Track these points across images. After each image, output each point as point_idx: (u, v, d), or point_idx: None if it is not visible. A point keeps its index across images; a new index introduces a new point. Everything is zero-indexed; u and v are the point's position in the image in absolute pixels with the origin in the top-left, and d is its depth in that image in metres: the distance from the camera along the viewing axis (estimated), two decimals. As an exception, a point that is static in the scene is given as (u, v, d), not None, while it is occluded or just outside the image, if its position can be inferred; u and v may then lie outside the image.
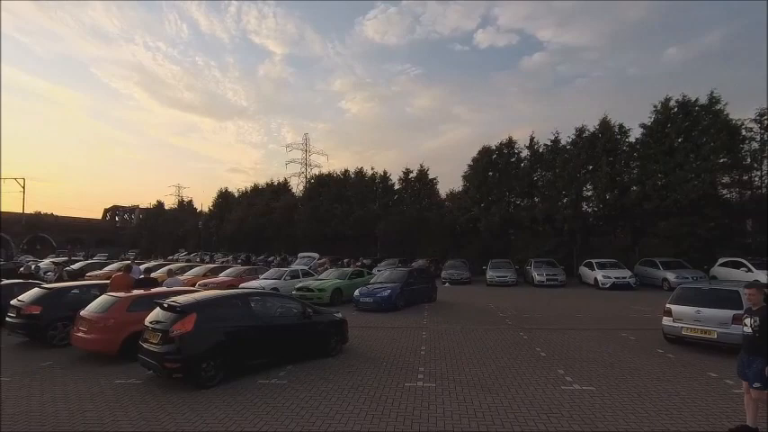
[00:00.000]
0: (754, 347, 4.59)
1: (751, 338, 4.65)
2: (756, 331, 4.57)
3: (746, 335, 4.73)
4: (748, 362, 4.63)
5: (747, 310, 4.86)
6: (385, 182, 38.83)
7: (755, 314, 4.67)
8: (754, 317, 4.65)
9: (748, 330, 4.69)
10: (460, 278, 24.97)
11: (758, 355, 4.52)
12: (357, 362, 8.03)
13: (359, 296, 14.79)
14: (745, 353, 4.72)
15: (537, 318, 12.94)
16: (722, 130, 22.64)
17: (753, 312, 4.74)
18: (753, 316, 4.70)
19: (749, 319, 4.73)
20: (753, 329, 4.63)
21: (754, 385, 4.53)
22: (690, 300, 8.76)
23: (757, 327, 4.57)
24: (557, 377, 6.95)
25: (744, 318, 4.84)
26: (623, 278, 20.73)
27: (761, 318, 4.57)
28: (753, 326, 4.64)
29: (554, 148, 28.95)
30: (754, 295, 4.82)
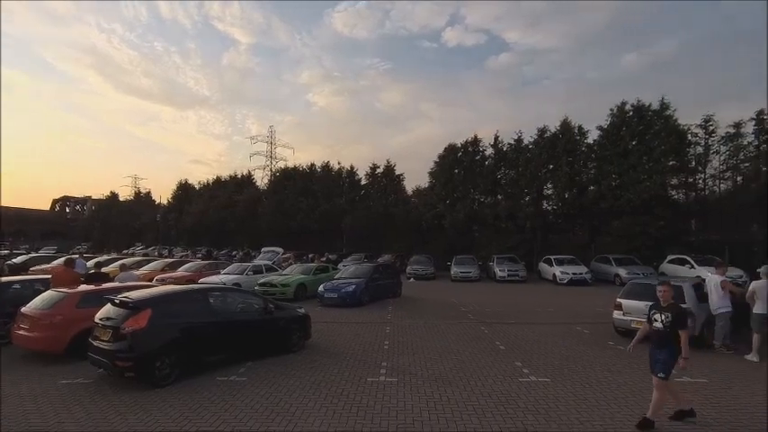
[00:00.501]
0: (664, 342, 4.82)
1: (661, 333, 4.86)
2: (667, 327, 4.79)
3: (657, 329, 4.91)
4: (656, 355, 4.87)
5: (655, 306, 5.05)
6: (352, 177, 38.72)
7: (666, 310, 4.87)
8: (665, 313, 4.85)
9: (659, 325, 4.88)
10: (425, 273, 25.31)
11: (665, 347, 4.79)
12: (320, 357, 7.97)
13: (323, 291, 14.68)
14: (655, 347, 4.95)
15: (498, 312, 13.28)
16: (671, 134, 23.98)
17: (662, 308, 4.92)
18: (663, 312, 4.89)
19: (659, 314, 4.91)
20: (663, 325, 4.83)
21: (658, 375, 4.77)
22: (639, 294, 9.23)
23: (669, 322, 4.78)
24: (514, 369, 7.16)
25: (653, 313, 5.01)
26: (580, 274, 21.62)
27: (672, 314, 4.79)
28: (664, 321, 4.83)
29: (517, 147, 29.74)
30: (666, 292, 4.99)
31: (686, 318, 4.85)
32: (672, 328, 4.76)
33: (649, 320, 5.06)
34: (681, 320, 4.77)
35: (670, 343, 4.78)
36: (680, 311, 4.85)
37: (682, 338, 4.71)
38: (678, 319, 4.77)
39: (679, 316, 4.78)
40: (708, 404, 5.66)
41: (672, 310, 4.84)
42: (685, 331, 4.76)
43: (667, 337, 4.80)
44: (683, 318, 4.79)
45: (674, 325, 4.76)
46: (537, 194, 28.47)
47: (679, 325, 4.75)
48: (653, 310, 5.04)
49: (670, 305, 4.92)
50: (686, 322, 4.81)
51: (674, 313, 4.80)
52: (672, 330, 4.76)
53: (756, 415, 5.30)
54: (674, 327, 4.75)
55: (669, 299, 4.97)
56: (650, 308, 5.13)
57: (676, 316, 4.78)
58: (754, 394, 6.05)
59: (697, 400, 5.79)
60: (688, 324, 4.86)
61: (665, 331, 4.80)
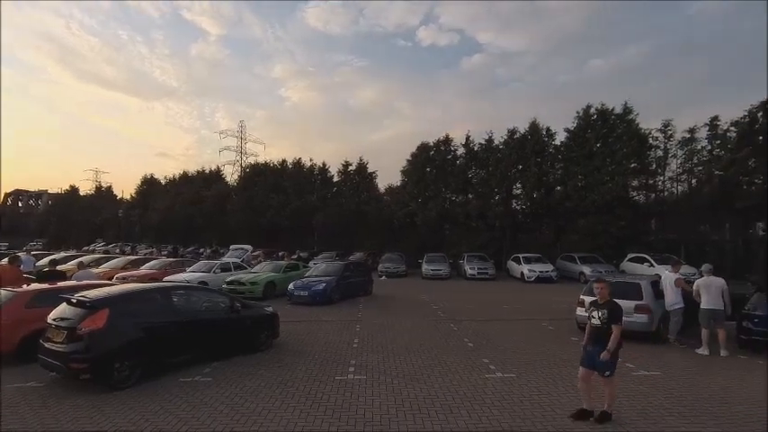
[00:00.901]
0: (602, 338, 4.89)
1: (599, 329, 4.93)
2: (604, 323, 4.87)
3: (595, 326, 4.98)
4: (595, 352, 4.90)
5: (594, 303, 5.13)
6: (324, 174, 38.40)
7: (603, 307, 4.96)
8: (602, 309, 4.93)
9: (597, 322, 4.94)
10: (397, 271, 25.42)
11: (603, 344, 4.85)
12: (288, 356, 7.86)
13: (293, 289, 14.50)
14: (593, 344, 4.99)
15: (467, 310, 13.47)
16: (633, 137, 24.97)
17: (600, 305, 5.01)
18: (600, 309, 4.97)
19: (597, 311, 4.98)
20: (601, 321, 4.90)
21: (605, 374, 4.86)
22: (600, 291, 9.55)
23: (606, 319, 4.86)
24: (482, 366, 7.28)
25: (591, 311, 5.08)
26: (546, 272, 22.24)
27: (608, 310, 4.88)
28: (601, 318, 4.91)
29: (488, 147, 30.24)
30: (603, 289, 5.07)
31: (621, 314, 4.94)
32: (608, 324, 4.84)
33: (588, 317, 5.14)
34: (616, 316, 4.86)
35: (606, 340, 4.84)
36: (615, 308, 4.93)
37: (613, 333, 4.80)
38: (613, 314, 4.86)
39: (614, 312, 4.88)
40: (660, 395, 5.92)
41: (608, 307, 4.93)
42: (618, 326, 4.83)
43: (605, 333, 4.86)
44: (618, 314, 4.89)
45: (610, 321, 4.84)
46: (506, 194, 29.05)
47: (614, 320, 4.84)
48: (591, 308, 5.12)
49: (607, 302, 5.00)
50: (620, 318, 4.90)
51: (611, 310, 4.89)
52: (609, 326, 4.84)
53: (704, 404, 5.59)
54: (610, 323, 4.84)
55: (606, 296, 5.05)
56: (589, 305, 5.23)
57: (612, 312, 4.87)
58: (702, 385, 6.37)
59: (651, 392, 6.07)
60: (621, 320, 4.92)
61: (603, 328, 4.88)
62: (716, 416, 5.25)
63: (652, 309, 8.82)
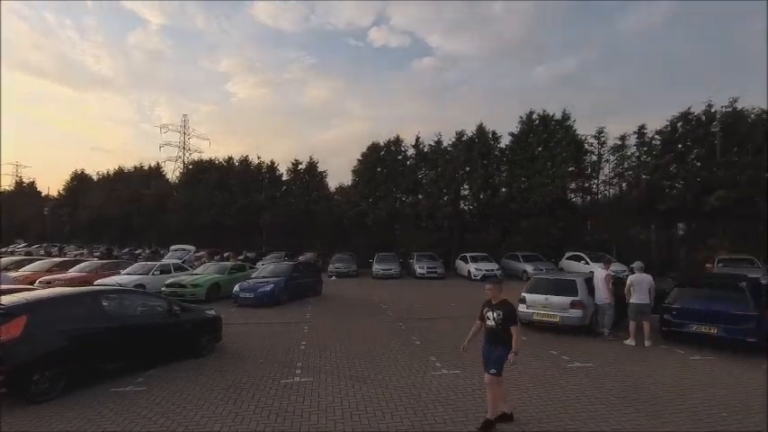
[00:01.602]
0: (497, 339, 4.85)
1: (494, 330, 4.88)
2: (499, 324, 4.81)
3: (489, 327, 4.92)
4: (490, 352, 4.88)
5: (488, 304, 5.02)
6: (272, 172, 37.40)
7: (497, 308, 4.88)
8: (497, 310, 4.87)
9: (491, 323, 4.89)
10: (347, 271, 25.31)
11: (499, 344, 4.81)
12: (231, 361, 7.57)
13: (238, 291, 14.01)
14: (488, 344, 4.94)
15: (416, 308, 13.66)
16: (571, 143, 26.48)
17: (494, 306, 4.93)
18: (495, 310, 4.90)
19: (491, 312, 4.91)
20: (496, 322, 4.85)
21: (490, 371, 4.79)
22: (540, 289, 10.06)
23: (500, 319, 4.81)
24: (428, 363, 7.40)
25: (485, 311, 4.99)
26: (492, 270, 23.00)
27: (503, 311, 4.82)
28: (496, 319, 4.85)
29: (437, 148, 30.86)
30: (491, 290, 5.00)
31: (516, 314, 4.93)
32: (503, 325, 4.79)
33: (482, 318, 5.07)
34: (511, 317, 4.82)
35: (503, 340, 4.81)
36: (510, 309, 4.88)
37: (514, 334, 4.77)
38: (509, 316, 4.81)
39: (510, 313, 4.83)
40: (592, 385, 6.31)
41: (503, 308, 4.87)
42: (516, 327, 4.81)
43: (499, 334, 4.82)
44: (513, 314, 4.86)
45: (505, 322, 4.79)
46: (455, 195, 29.78)
47: (510, 321, 4.79)
48: (485, 308, 5.03)
49: (500, 302, 4.94)
50: (516, 318, 4.89)
51: (505, 311, 4.83)
52: (504, 327, 4.79)
53: (629, 392, 6.01)
54: (506, 323, 4.79)
55: (498, 297, 4.98)
56: (483, 305, 5.11)
57: (507, 313, 4.82)
58: (629, 374, 6.86)
59: (584, 382, 6.45)
60: (518, 320, 4.93)
61: (498, 328, 4.83)
62: (638, 402, 5.66)
63: (586, 304, 9.39)
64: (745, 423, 5.06)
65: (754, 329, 7.78)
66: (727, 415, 5.26)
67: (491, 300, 5.01)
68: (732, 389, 6.20)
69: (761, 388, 6.21)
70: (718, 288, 9.00)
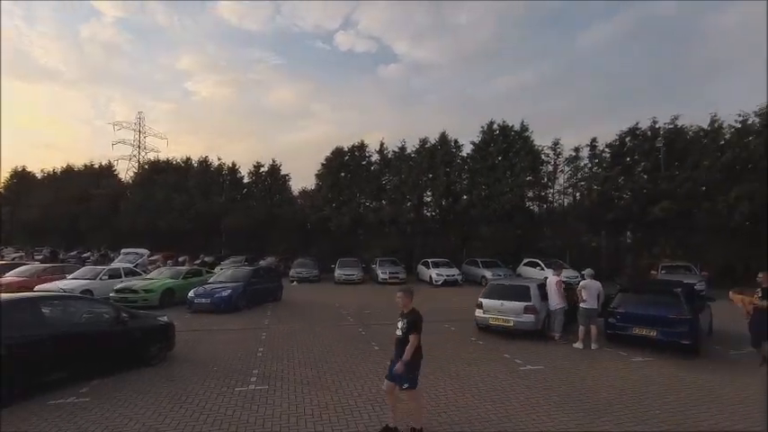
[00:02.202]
0: (402, 349, 4.66)
1: (401, 340, 4.72)
2: (404, 333, 4.67)
3: (397, 337, 4.79)
4: (394, 363, 4.73)
5: (401, 314, 4.89)
6: (233, 174, 36.46)
7: (405, 317, 4.75)
8: (404, 320, 4.73)
9: (399, 333, 4.75)
10: (309, 276, 25.06)
11: (401, 355, 4.64)
12: (183, 369, 7.33)
13: (194, 297, 13.58)
14: (397, 354, 4.75)
15: (377, 314, 13.71)
16: (529, 153, 27.54)
17: (403, 315, 4.80)
18: (403, 319, 4.76)
19: (400, 321, 4.79)
20: (402, 332, 4.71)
21: (404, 386, 4.64)
22: (495, 294, 10.38)
23: (405, 329, 4.66)
24: (385, 369, 7.42)
25: (397, 322, 4.87)
26: (452, 276, 23.46)
27: (408, 320, 4.69)
28: (402, 329, 4.71)
29: (401, 155, 31.21)
30: (402, 298, 4.86)
31: (419, 324, 4.71)
32: (407, 334, 4.65)
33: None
34: (414, 326, 4.66)
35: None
36: (416, 318, 4.72)
37: (410, 342, 4.59)
38: (412, 324, 4.66)
39: (414, 322, 4.67)
40: (541, 386, 6.59)
41: (409, 317, 4.74)
42: (415, 336, 4.63)
43: (405, 343, 4.65)
44: (417, 324, 4.68)
45: (408, 330, 4.65)
46: (418, 201, 30.20)
47: (412, 330, 4.64)
48: (398, 318, 4.89)
49: (409, 312, 4.79)
50: (419, 328, 4.69)
51: (410, 320, 4.70)
52: (407, 336, 4.64)
53: (575, 393, 6.32)
54: (409, 332, 4.64)
55: (407, 306, 4.83)
56: (399, 316, 4.95)
57: (411, 322, 4.68)
58: (576, 376, 7.21)
59: (534, 384, 6.72)
60: (420, 330, 4.71)
61: (403, 338, 4.69)
62: (582, 402, 5.97)
63: (538, 309, 9.77)
64: (679, 419, 5.44)
65: (687, 332, 8.37)
66: (660, 412, 5.64)
67: (402, 309, 4.86)
68: (667, 388, 6.65)
69: (691, 387, 6.69)
70: (657, 293, 9.62)
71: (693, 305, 8.93)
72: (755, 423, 5.37)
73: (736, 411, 5.72)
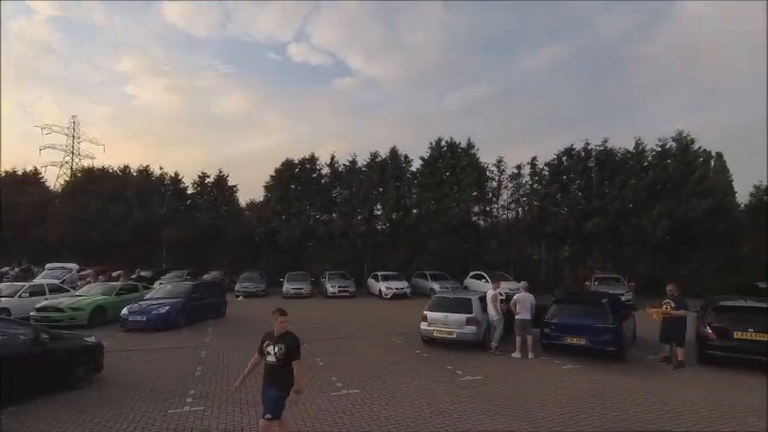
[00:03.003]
0: (278, 377, 4.26)
1: (274, 367, 4.28)
2: (281, 359, 4.23)
3: (270, 364, 4.31)
4: (269, 394, 4.28)
5: (268, 336, 4.47)
6: (176, 184, 34.84)
7: (279, 342, 4.31)
8: (279, 344, 4.28)
9: (272, 359, 4.28)
10: (256, 291, 24.42)
11: (279, 383, 4.26)
12: (113, 392, 6.89)
13: (127, 314, 12.80)
14: (267, 383, 4.30)
15: (324, 328, 13.59)
16: (475, 169, 28.68)
17: (276, 339, 4.35)
18: (277, 344, 4.30)
19: (272, 346, 4.30)
20: (277, 358, 4.25)
21: (266, 416, 4.24)
22: (439, 307, 10.66)
23: (282, 354, 4.23)
24: (329, 384, 7.43)
25: (266, 345, 4.39)
26: (402, 289, 23.74)
27: (286, 344, 4.28)
28: (278, 354, 4.25)
29: (352, 168, 31.38)
30: (278, 321, 4.40)
31: (299, 348, 4.35)
32: (286, 361, 4.23)
33: (261, 352, 4.46)
34: (295, 351, 4.28)
35: (284, 378, 4.25)
36: (294, 341, 4.34)
37: (296, 369, 4.26)
38: (292, 349, 4.27)
39: (294, 346, 4.29)
40: (480, 396, 6.84)
41: (286, 340, 4.30)
42: (299, 362, 4.28)
43: (281, 370, 4.24)
44: (297, 348, 4.31)
45: (287, 356, 4.23)
46: (368, 214, 30.41)
47: (294, 355, 4.26)
48: (266, 342, 4.41)
49: (284, 335, 4.36)
50: (300, 352, 4.33)
51: (289, 344, 4.28)
52: (285, 363, 4.23)
53: (510, 401, 6.62)
54: (288, 358, 4.23)
55: (282, 327, 4.40)
56: (263, 339, 4.49)
57: (291, 346, 4.27)
58: (512, 385, 7.54)
59: (472, 394, 6.96)
60: (301, 353, 4.38)
61: (279, 365, 4.24)
62: (516, 409, 6.27)
63: (480, 321, 10.14)
64: (603, 422, 5.85)
65: (612, 340, 9.04)
66: (587, 417, 6.04)
67: (272, 332, 4.43)
68: (592, 393, 7.13)
69: (615, 391, 7.22)
70: (586, 304, 10.31)
71: (618, 315, 9.66)
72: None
73: (651, 412, 6.24)
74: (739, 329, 8.45)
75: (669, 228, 23.11)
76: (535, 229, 27.68)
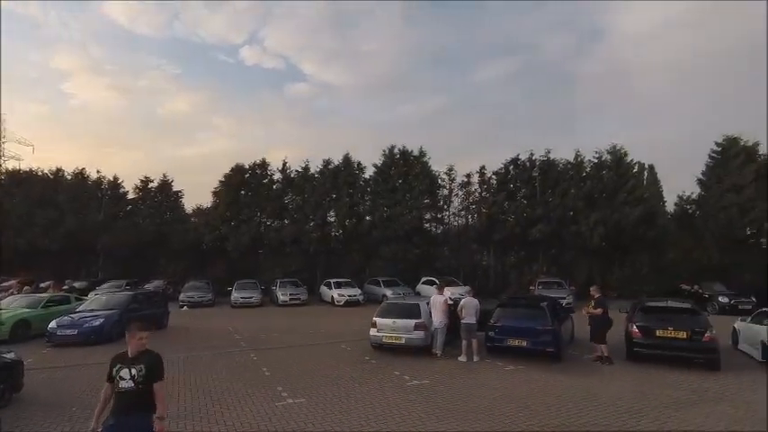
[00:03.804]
0: (138, 404, 3.51)
1: (132, 394, 3.51)
2: (141, 383, 3.52)
3: (125, 390, 3.52)
4: (130, 425, 3.48)
5: (120, 358, 3.69)
6: (115, 188, 32.82)
7: (136, 363, 3.57)
8: (137, 366, 3.55)
9: (128, 384, 3.51)
10: (202, 300, 23.48)
11: (140, 411, 3.50)
12: (33, 412, 6.37)
13: (56, 328, 11.85)
14: (122, 414, 3.51)
15: (273, 338, 13.29)
16: (427, 177, 29.28)
17: (132, 361, 3.60)
18: (133, 366, 3.56)
19: (128, 369, 3.54)
20: (136, 382, 3.51)
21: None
22: (388, 313, 10.75)
23: (142, 378, 3.52)
24: (274, 394, 7.27)
25: (117, 369, 3.58)
26: (354, 296, 23.67)
27: (146, 365, 3.57)
28: (135, 378, 3.52)
29: (305, 174, 31.03)
30: (139, 338, 3.65)
31: (162, 368, 3.69)
32: (146, 385, 3.53)
33: (111, 379, 3.62)
34: (158, 371, 3.63)
35: (145, 405, 3.53)
36: (157, 360, 3.67)
37: (159, 392, 3.57)
38: (154, 369, 3.60)
39: (156, 366, 3.63)
40: (424, 400, 6.96)
41: (146, 360, 3.61)
42: (162, 384, 3.64)
43: (141, 396, 3.53)
44: (159, 367, 3.65)
45: (148, 379, 3.54)
46: (321, 221, 30.15)
47: (156, 377, 3.59)
48: (117, 365, 3.62)
49: (144, 353, 3.66)
50: (163, 373, 3.68)
51: (150, 363, 3.60)
52: (147, 387, 3.54)
53: (455, 404, 6.79)
54: (150, 381, 3.55)
55: (142, 345, 3.67)
56: (113, 361, 3.69)
57: (153, 366, 3.60)
58: (458, 388, 7.73)
59: (418, 399, 7.07)
60: (164, 376, 3.69)
61: (137, 390, 3.52)
62: (458, 411, 6.44)
63: (428, 325, 10.32)
64: (546, 420, 6.13)
65: (551, 341, 9.51)
66: (525, 416, 6.30)
67: (125, 352, 3.68)
68: (531, 392, 7.46)
69: (551, 389, 7.60)
70: (527, 307, 10.80)
71: (557, 317, 10.19)
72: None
73: (583, 407, 6.62)
74: (661, 328, 9.18)
75: (605, 234, 24.70)
76: (484, 235, 28.61)
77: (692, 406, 6.74)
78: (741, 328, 11.02)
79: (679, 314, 9.63)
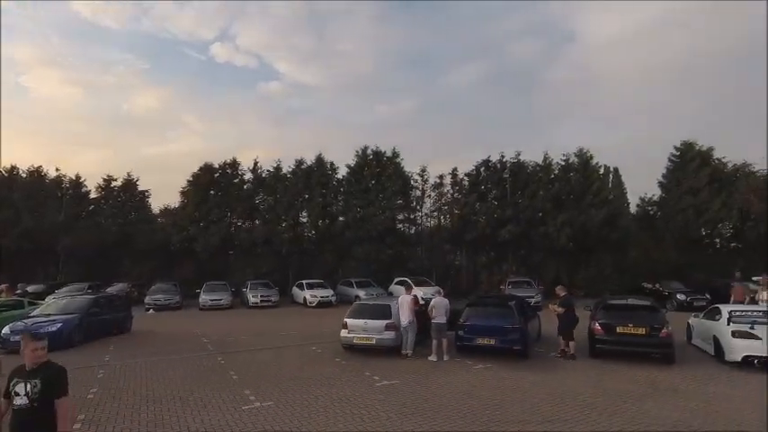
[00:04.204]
0: (34, 425, 3.07)
1: (26, 412, 3.07)
2: (35, 400, 3.06)
3: (20, 408, 3.08)
4: None
5: (18, 371, 3.23)
6: (77, 188, 31.44)
7: (33, 377, 3.12)
8: (32, 380, 3.09)
9: (23, 401, 3.06)
10: (169, 303, 22.87)
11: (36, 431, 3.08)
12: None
13: (10, 334, 11.28)
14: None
15: (241, 340, 13.07)
16: (400, 178, 29.40)
17: (28, 374, 3.14)
18: (29, 380, 3.10)
19: (24, 383, 3.10)
20: (30, 398, 3.06)
21: None
22: (360, 313, 10.75)
23: (37, 395, 3.07)
24: (242, 398, 7.14)
25: (14, 384, 3.13)
26: (327, 297, 23.53)
27: (43, 379, 3.10)
28: (30, 394, 3.07)
29: (276, 174, 30.61)
30: (27, 347, 3.23)
31: (67, 381, 3.22)
32: (44, 402, 3.08)
33: (7, 394, 3.18)
34: (59, 385, 3.14)
35: (44, 425, 3.06)
36: (58, 373, 3.20)
37: (59, 411, 3.09)
38: (54, 383, 3.13)
39: (56, 379, 3.16)
40: (395, 400, 6.99)
41: (43, 373, 3.13)
42: (65, 400, 3.15)
43: (38, 415, 3.06)
44: (62, 381, 3.18)
45: (46, 394, 3.08)
46: (293, 222, 29.82)
47: (57, 392, 3.12)
48: (15, 379, 3.16)
49: (42, 365, 3.19)
50: (67, 387, 3.19)
51: (48, 377, 3.13)
52: (45, 405, 3.07)
53: (424, 403, 6.85)
54: (49, 397, 3.08)
55: (40, 357, 3.20)
56: (11, 376, 3.23)
57: (52, 380, 3.13)
58: (428, 386, 7.81)
59: (387, 398, 7.09)
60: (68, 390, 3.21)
61: (33, 408, 3.06)
62: (427, 410, 6.50)
63: (398, 326, 10.37)
64: (532, 417, 6.26)
65: (518, 339, 9.73)
66: (490, 413, 6.43)
67: (24, 365, 3.21)
68: (498, 390, 7.62)
69: (517, 386, 7.78)
70: (496, 306, 11.02)
71: (524, 316, 10.44)
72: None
73: (543, 405, 6.81)
74: (621, 325, 9.55)
75: (572, 235, 25.47)
76: (456, 236, 28.98)
77: (647, 398, 7.05)
78: (695, 324, 11.57)
79: (639, 311, 10.05)
